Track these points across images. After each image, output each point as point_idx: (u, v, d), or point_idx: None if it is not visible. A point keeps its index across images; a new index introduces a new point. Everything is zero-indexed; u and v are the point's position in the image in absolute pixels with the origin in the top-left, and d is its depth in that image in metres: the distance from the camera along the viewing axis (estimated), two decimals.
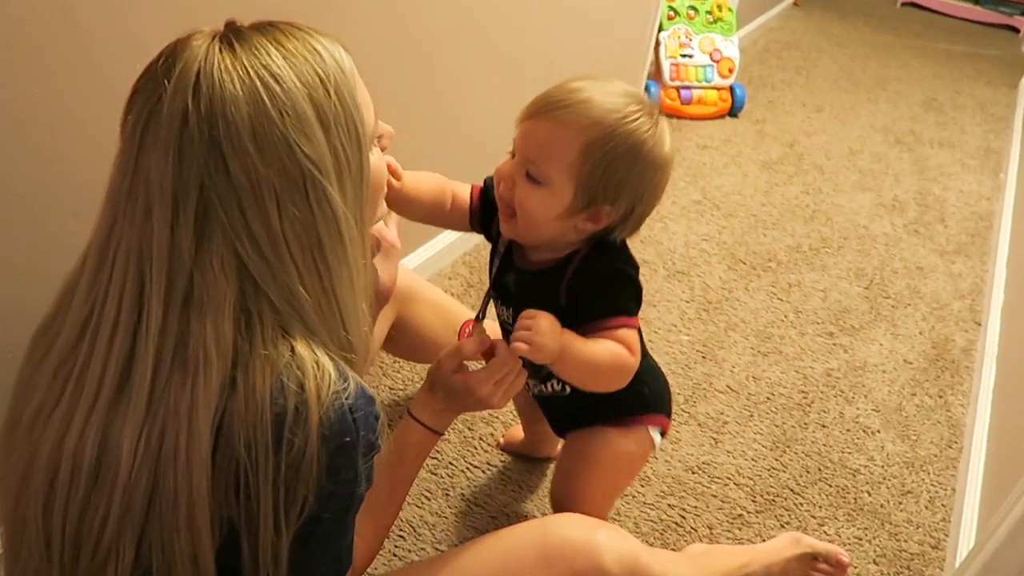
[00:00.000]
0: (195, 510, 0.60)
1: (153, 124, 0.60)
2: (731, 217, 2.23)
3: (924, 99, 3.33)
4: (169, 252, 0.60)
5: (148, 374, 0.61)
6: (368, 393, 0.66)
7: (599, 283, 0.92)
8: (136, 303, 0.61)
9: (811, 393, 1.62)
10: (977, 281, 2.10)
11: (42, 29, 0.86)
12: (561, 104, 0.87)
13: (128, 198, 0.61)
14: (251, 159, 0.60)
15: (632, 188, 0.89)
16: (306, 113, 0.61)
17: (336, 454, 0.63)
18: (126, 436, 0.61)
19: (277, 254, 0.62)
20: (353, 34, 1.30)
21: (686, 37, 2.80)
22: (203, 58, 0.60)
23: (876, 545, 1.32)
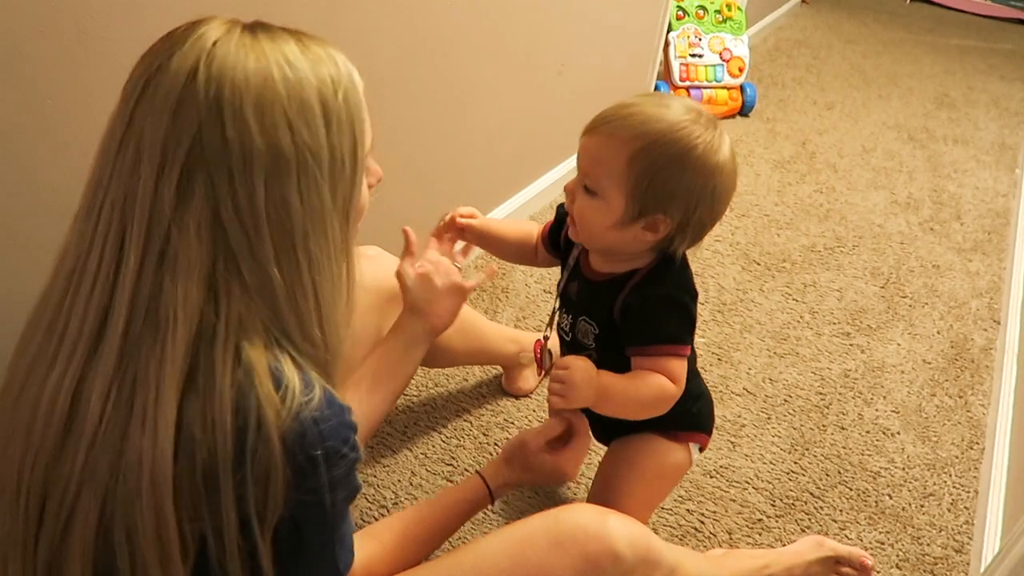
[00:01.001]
0: (158, 476, 0.59)
1: (159, 77, 0.60)
2: (744, 217, 2.21)
3: (937, 95, 3.31)
4: (151, 204, 0.60)
5: (120, 327, 0.60)
6: (337, 402, 0.65)
7: (652, 307, 0.94)
8: (116, 255, 0.61)
9: (829, 395, 1.61)
10: (995, 279, 2.07)
11: (53, 39, 0.86)
12: (611, 118, 0.91)
13: (120, 148, 0.61)
14: (249, 129, 0.60)
15: (683, 196, 0.90)
16: (312, 104, 0.62)
17: (303, 466, 0.62)
18: (96, 388, 0.61)
19: (257, 230, 0.62)
20: (364, 38, 1.30)
21: (696, 37, 2.78)
22: (223, 32, 0.62)
23: (899, 549, 1.30)
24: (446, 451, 1.36)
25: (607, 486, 1.08)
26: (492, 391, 1.50)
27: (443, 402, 1.46)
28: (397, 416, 1.42)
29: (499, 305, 1.72)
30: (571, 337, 1.04)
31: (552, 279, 1.83)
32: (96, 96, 0.92)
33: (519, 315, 1.70)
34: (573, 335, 1.04)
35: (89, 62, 0.90)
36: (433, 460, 1.34)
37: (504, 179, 1.94)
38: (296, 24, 0.68)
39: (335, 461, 0.64)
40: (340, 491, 0.67)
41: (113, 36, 0.91)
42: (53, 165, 0.92)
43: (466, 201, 1.80)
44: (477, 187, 1.83)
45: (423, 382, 1.50)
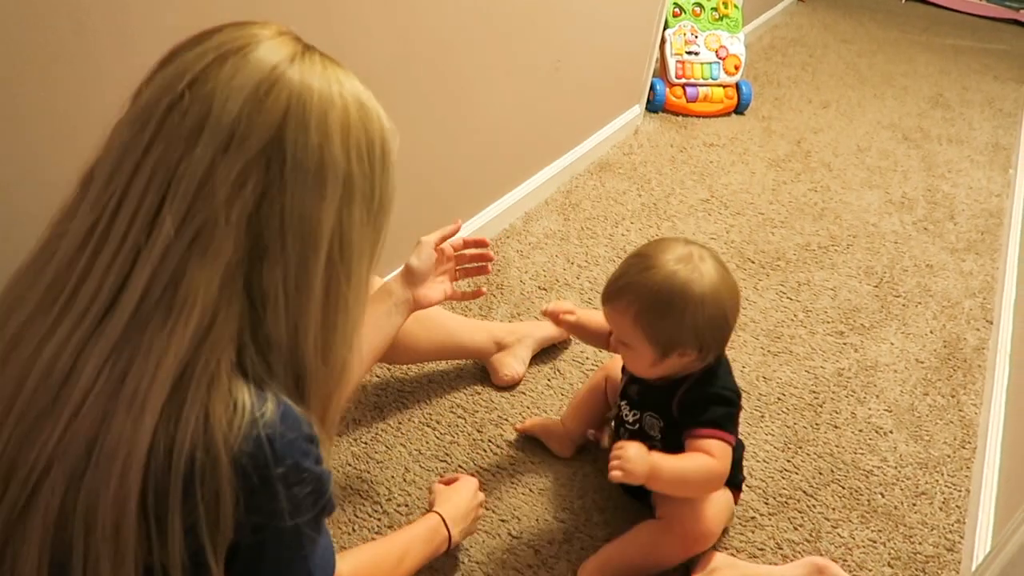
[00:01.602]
0: (129, 467, 0.56)
1: (238, 58, 0.59)
2: (739, 215, 2.21)
3: (931, 95, 3.31)
4: (201, 182, 0.58)
5: (135, 300, 0.58)
6: (294, 414, 0.62)
7: (704, 400, 1.13)
8: (148, 224, 0.58)
9: (822, 393, 1.61)
10: (988, 279, 2.08)
11: (49, 33, 0.85)
12: (612, 292, 1.12)
13: (173, 110, 0.58)
14: (334, 148, 0.61)
15: (687, 329, 1.08)
16: (375, 143, 0.65)
17: (256, 488, 0.60)
18: (92, 358, 0.58)
19: (315, 245, 0.62)
20: (359, 33, 1.29)
21: (692, 34, 2.78)
22: (305, 46, 0.63)
23: (890, 547, 1.30)
24: (440, 447, 1.36)
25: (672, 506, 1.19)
26: (486, 388, 1.50)
27: (437, 398, 1.46)
28: (391, 412, 1.41)
29: (494, 302, 1.72)
30: (638, 427, 1.22)
31: (547, 276, 1.82)
32: (91, 89, 0.91)
33: (513, 312, 1.70)
34: (640, 427, 1.22)
35: (85, 55, 0.89)
36: (427, 456, 1.34)
37: (501, 175, 1.94)
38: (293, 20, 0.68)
39: (296, 479, 0.62)
40: (305, 512, 0.64)
41: (109, 29, 0.90)
42: (48, 158, 0.91)
43: (462, 198, 1.80)
44: (474, 183, 1.83)
45: (417, 377, 1.50)
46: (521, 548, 1.22)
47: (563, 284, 1.81)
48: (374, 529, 1.21)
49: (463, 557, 1.19)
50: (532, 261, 1.87)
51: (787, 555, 1.27)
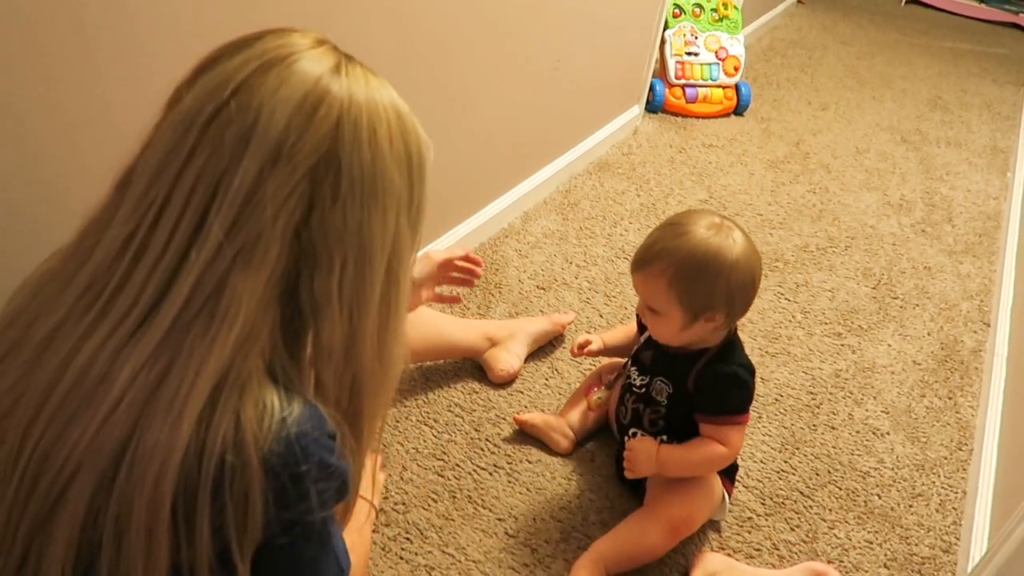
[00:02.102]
0: (165, 472, 0.56)
1: (282, 68, 0.60)
2: (737, 216, 2.21)
3: (930, 98, 3.32)
4: (248, 194, 0.58)
5: (177, 307, 0.58)
6: (318, 412, 0.63)
7: (721, 383, 1.17)
8: (192, 232, 0.59)
9: (820, 394, 1.61)
10: (985, 281, 2.09)
11: (48, 30, 0.85)
12: (644, 259, 1.15)
13: (217, 118, 0.59)
14: (386, 163, 0.62)
15: (719, 294, 1.12)
16: (414, 155, 0.67)
17: (286, 487, 0.61)
18: (130, 362, 0.58)
19: (371, 258, 0.63)
20: (358, 30, 1.29)
21: (691, 35, 2.78)
22: (347, 58, 0.64)
23: (887, 549, 1.31)
24: (437, 446, 1.36)
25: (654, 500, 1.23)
26: (484, 386, 1.50)
27: (435, 397, 1.46)
28: (388, 411, 1.41)
29: (492, 300, 1.72)
30: (644, 391, 1.25)
31: (545, 275, 1.82)
32: (91, 88, 0.91)
33: (512, 311, 1.70)
34: (647, 391, 1.25)
35: (86, 54, 0.89)
36: (424, 455, 1.34)
37: (500, 174, 1.94)
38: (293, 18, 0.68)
39: (323, 475, 0.63)
40: (330, 505, 0.66)
41: (110, 27, 0.90)
42: (48, 157, 0.91)
43: (461, 197, 1.80)
44: (472, 182, 1.83)
45: (415, 377, 1.50)
46: (518, 547, 1.22)
47: (561, 283, 1.81)
48: (371, 528, 1.21)
49: (459, 555, 1.19)
50: (531, 260, 1.87)
51: (783, 556, 1.27)
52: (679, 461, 1.18)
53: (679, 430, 1.22)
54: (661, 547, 1.19)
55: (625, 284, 1.84)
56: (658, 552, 1.19)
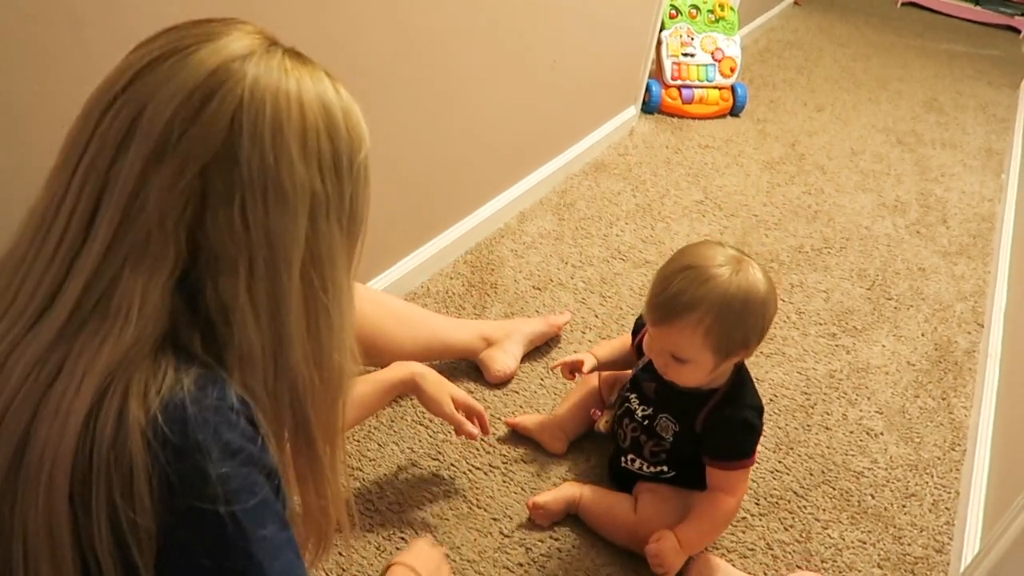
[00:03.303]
0: (56, 472, 0.54)
1: (178, 58, 0.56)
2: (733, 217, 2.22)
3: (925, 99, 3.33)
4: (133, 191, 0.56)
5: (69, 305, 0.56)
6: (220, 385, 0.58)
7: (732, 427, 1.16)
8: (84, 228, 0.57)
9: (814, 395, 1.62)
10: (979, 283, 2.09)
11: (44, 24, 0.85)
12: (675, 312, 1.08)
13: (110, 111, 0.57)
14: (291, 159, 0.58)
15: (754, 329, 1.11)
16: (343, 152, 0.62)
17: (170, 462, 0.54)
18: (23, 361, 0.57)
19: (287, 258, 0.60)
20: (354, 29, 1.29)
21: (688, 36, 2.79)
22: (266, 45, 0.60)
23: (880, 549, 1.31)
24: (432, 445, 1.36)
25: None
26: (479, 387, 1.50)
27: None
28: (383, 410, 1.41)
29: (487, 301, 1.72)
30: (647, 424, 1.23)
31: (541, 276, 1.83)
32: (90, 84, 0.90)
33: (507, 311, 1.70)
34: (651, 425, 1.22)
35: (83, 50, 0.89)
36: (420, 455, 1.34)
37: (496, 174, 1.94)
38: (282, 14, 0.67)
39: (220, 451, 0.55)
40: (243, 498, 0.56)
41: (108, 23, 0.90)
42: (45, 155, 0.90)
43: (457, 197, 1.80)
44: (469, 182, 1.83)
45: None
46: (512, 546, 1.22)
47: (557, 284, 1.81)
48: (367, 527, 1.21)
49: (454, 556, 1.19)
50: (526, 261, 1.87)
51: (777, 555, 1.27)
52: (699, 538, 1.17)
53: (681, 464, 1.23)
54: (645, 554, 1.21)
55: (620, 284, 1.84)
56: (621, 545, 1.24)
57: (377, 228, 1.65)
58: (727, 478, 1.17)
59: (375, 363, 1.42)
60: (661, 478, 1.25)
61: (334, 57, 0.67)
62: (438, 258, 1.77)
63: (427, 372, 1.20)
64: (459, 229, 1.83)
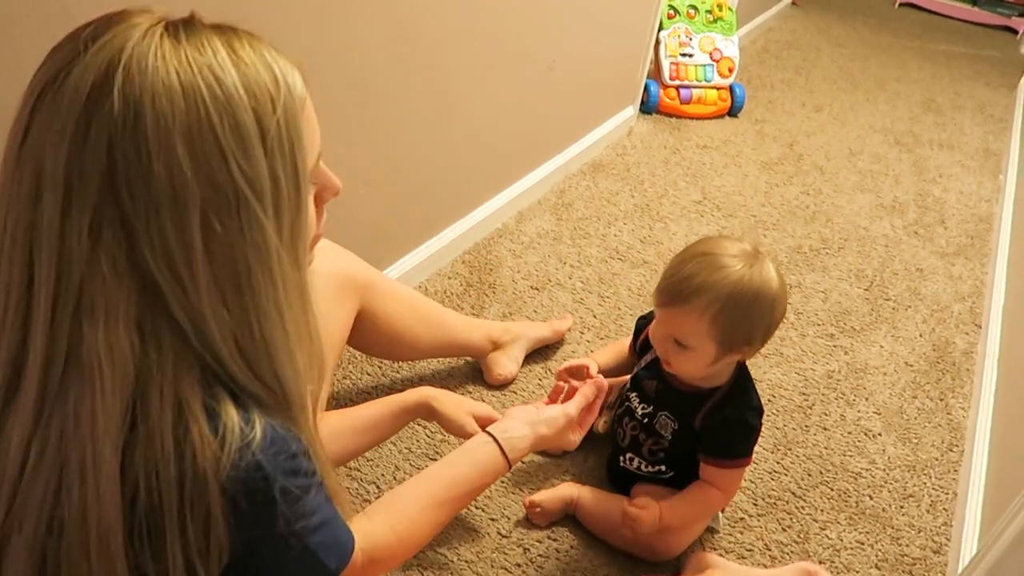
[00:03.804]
0: (107, 534, 0.55)
1: (53, 92, 0.52)
2: (731, 218, 2.22)
3: (923, 100, 3.33)
4: (59, 245, 0.53)
5: (36, 376, 0.55)
6: (281, 434, 0.60)
7: (730, 427, 1.16)
8: (24, 295, 0.54)
9: (812, 395, 1.62)
10: (977, 283, 2.10)
11: (38, 22, 0.85)
12: (684, 295, 1.08)
13: (16, 167, 0.54)
14: (178, 161, 0.52)
15: (760, 326, 1.10)
16: (247, 126, 0.55)
17: (252, 511, 0.59)
18: (14, 438, 0.55)
19: (191, 272, 0.55)
20: (351, 31, 1.29)
21: (686, 36, 2.79)
22: (139, 37, 0.53)
23: (878, 549, 1.31)
24: (430, 446, 1.36)
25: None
26: (477, 386, 1.50)
27: None
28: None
29: (486, 301, 1.72)
30: (647, 422, 1.23)
31: (539, 276, 1.82)
32: None
33: (506, 311, 1.70)
34: (651, 423, 1.22)
35: None
36: (417, 455, 1.34)
37: (494, 174, 1.94)
38: (283, 17, 0.66)
39: (286, 498, 0.61)
40: (298, 520, 0.63)
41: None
42: None
43: (456, 196, 1.80)
44: (467, 182, 1.83)
45: (408, 376, 1.49)
46: (510, 547, 1.22)
47: (555, 284, 1.81)
48: None
49: (452, 556, 1.19)
50: (525, 261, 1.87)
51: (775, 556, 1.27)
52: (680, 519, 1.17)
53: (679, 463, 1.23)
54: (641, 556, 1.22)
55: (619, 285, 1.84)
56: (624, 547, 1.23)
57: (376, 228, 1.66)
58: (721, 476, 1.17)
59: (394, 357, 1.46)
60: (659, 478, 1.24)
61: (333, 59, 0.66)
62: (436, 258, 1.77)
63: (441, 395, 1.18)
64: (457, 229, 1.83)
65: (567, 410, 1.09)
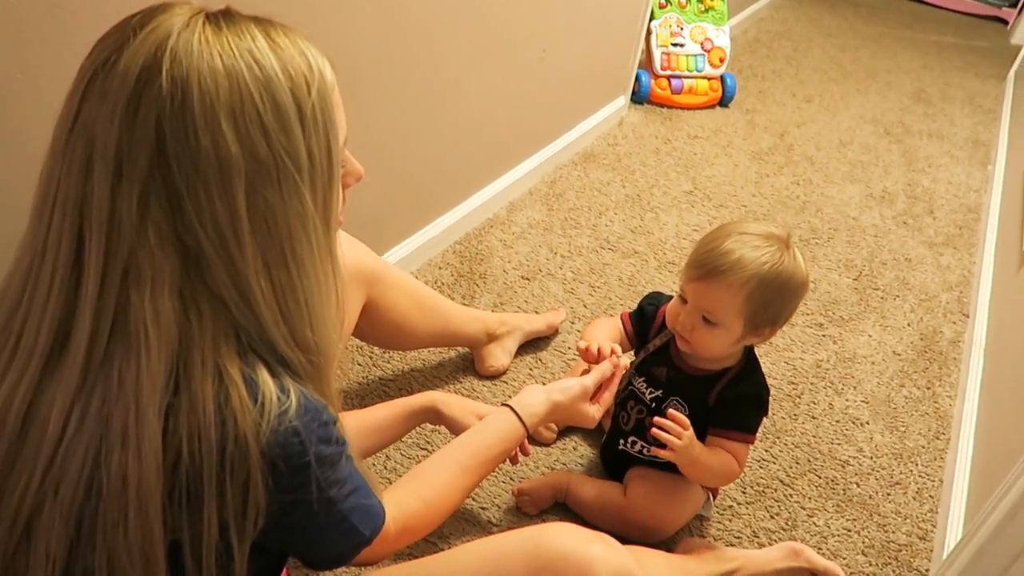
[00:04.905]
0: (147, 498, 0.57)
1: (104, 74, 0.56)
2: (722, 208, 2.22)
3: (913, 90, 3.34)
4: (109, 216, 0.57)
5: (84, 342, 0.58)
6: (313, 403, 0.64)
7: (743, 402, 1.18)
8: (74, 263, 0.58)
9: (801, 384, 1.63)
10: (965, 273, 2.11)
11: (24, 12, 0.84)
12: (721, 268, 1.09)
13: (67, 144, 0.57)
14: (224, 136, 0.57)
15: (787, 309, 1.13)
16: (286, 105, 0.59)
17: (289, 474, 0.62)
18: (56, 403, 0.58)
19: (238, 241, 0.59)
20: (342, 21, 1.29)
21: (677, 26, 2.79)
22: (183, 24, 0.57)
23: (865, 536, 1.33)
24: (421, 435, 1.36)
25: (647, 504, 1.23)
26: (468, 377, 1.50)
27: (418, 387, 1.46)
28: (372, 401, 1.41)
29: (476, 291, 1.72)
30: (656, 407, 1.22)
31: (530, 266, 1.83)
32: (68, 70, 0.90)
33: (496, 301, 1.70)
34: (659, 408, 1.21)
35: (60, 34, 0.88)
36: (408, 444, 1.34)
37: (485, 164, 1.94)
38: (275, 5, 0.66)
39: (321, 464, 0.64)
40: (332, 486, 0.67)
41: (86, 8, 0.89)
42: (24, 141, 0.90)
43: (447, 186, 1.80)
44: (458, 172, 1.83)
45: (398, 367, 1.50)
46: None
47: (546, 274, 1.82)
48: None
49: (442, 544, 1.19)
50: (515, 251, 1.87)
51: (763, 543, 1.29)
52: (703, 462, 1.15)
53: None
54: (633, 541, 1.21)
55: (609, 274, 1.84)
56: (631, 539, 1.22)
57: (367, 218, 1.65)
58: (730, 447, 1.17)
59: (390, 346, 1.47)
60: (657, 461, 1.24)
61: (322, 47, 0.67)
62: (427, 248, 1.77)
63: (448, 398, 1.18)
64: (448, 219, 1.83)
65: (583, 381, 1.09)
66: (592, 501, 1.25)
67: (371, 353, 1.51)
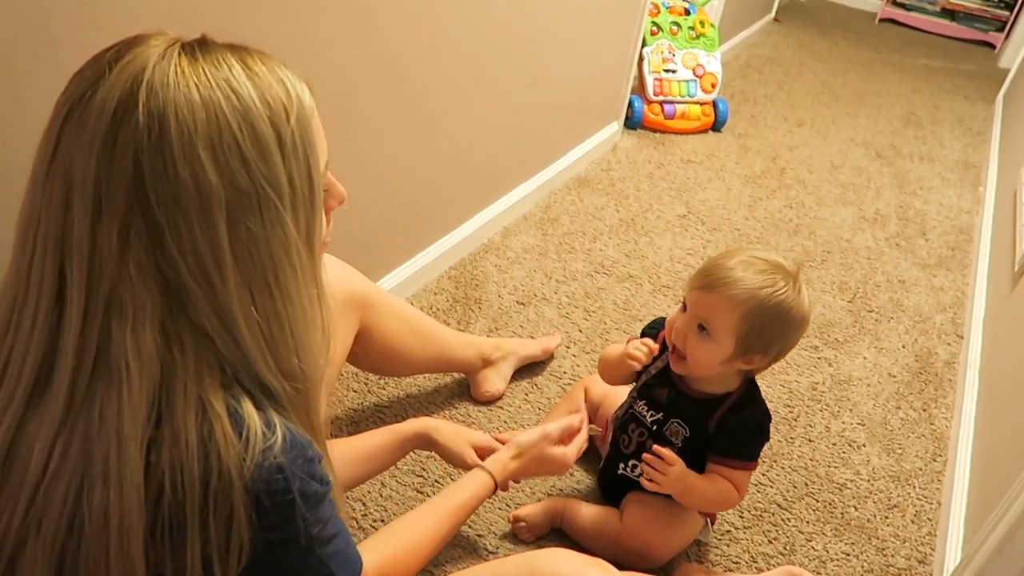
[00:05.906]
0: (128, 534, 0.56)
1: (81, 109, 0.56)
2: (715, 231, 2.23)
3: (903, 113, 3.38)
4: (90, 251, 0.56)
5: (67, 376, 0.57)
6: (299, 439, 0.63)
7: (744, 429, 1.18)
8: (56, 298, 0.57)
9: (797, 407, 1.63)
10: (958, 294, 2.12)
11: (20, 43, 0.85)
12: (723, 281, 1.11)
13: (46, 181, 0.57)
14: (203, 167, 0.56)
15: (779, 342, 1.13)
16: (265, 133, 0.59)
17: (273, 511, 0.61)
18: (40, 437, 0.58)
19: (220, 272, 0.58)
20: (334, 47, 1.30)
21: (669, 52, 2.82)
22: (159, 56, 0.57)
23: (863, 560, 1.32)
24: (416, 462, 1.36)
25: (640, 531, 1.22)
26: (463, 403, 1.50)
27: (414, 413, 1.46)
28: (368, 427, 1.41)
29: (472, 316, 1.72)
30: (657, 429, 1.22)
31: (525, 291, 1.83)
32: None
33: (492, 326, 1.70)
34: (660, 431, 1.22)
35: (58, 67, 0.89)
36: (403, 471, 1.33)
37: (480, 189, 1.95)
38: (266, 34, 0.67)
39: (305, 501, 0.63)
40: (315, 525, 0.66)
41: (84, 41, 0.90)
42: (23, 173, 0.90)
43: (442, 212, 1.81)
44: (453, 197, 1.84)
45: (393, 393, 1.49)
46: None
47: (541, 299, 1.82)
48: None
49: (439, 572, 1.18)
50: (510, 276, 1.88)
51: (762, 568, 1.28)
52: (700, 491, 1.16)
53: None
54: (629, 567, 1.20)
55: (604, 299, 1.85)
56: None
57: (362, 244, 1.66)
58: (731, 475, 1.17)
59: (385, 372, 1.46)
60: None
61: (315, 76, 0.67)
62: (422, 274, 1.77)
63: (441, 425, 1.18)
64: (443, 245, 1.83)
65: (545, 426, 1.14)
66: (588, 526, 1.24)
67: (366, 379, 1.50)
